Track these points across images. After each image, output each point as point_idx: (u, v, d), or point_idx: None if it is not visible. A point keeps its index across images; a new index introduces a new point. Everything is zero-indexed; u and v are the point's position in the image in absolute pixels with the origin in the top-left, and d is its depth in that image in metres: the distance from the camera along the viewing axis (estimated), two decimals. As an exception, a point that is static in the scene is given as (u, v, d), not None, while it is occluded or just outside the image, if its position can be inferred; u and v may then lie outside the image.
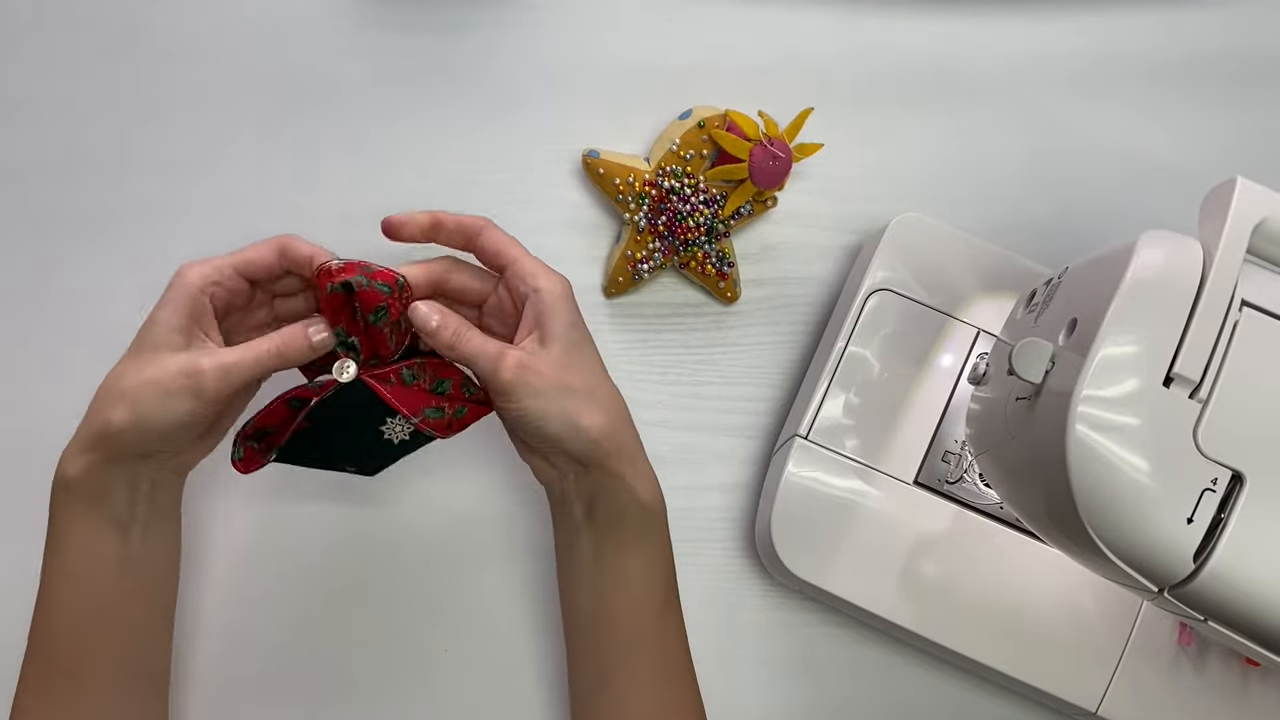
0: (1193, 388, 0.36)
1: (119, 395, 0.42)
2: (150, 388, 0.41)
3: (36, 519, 0.54)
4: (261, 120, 0.57)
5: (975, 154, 0.60)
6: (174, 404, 0.41)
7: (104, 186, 0.56)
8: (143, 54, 0.57)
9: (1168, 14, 0.62)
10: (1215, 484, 0.35)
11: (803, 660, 0.55)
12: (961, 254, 0.55)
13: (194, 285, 0.43)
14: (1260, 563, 0.35)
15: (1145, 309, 0.37)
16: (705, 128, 0.53)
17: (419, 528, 0.54)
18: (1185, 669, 0.52)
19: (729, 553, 0.56)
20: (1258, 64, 0.62)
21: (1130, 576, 0.37)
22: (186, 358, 0.42)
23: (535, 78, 0.58)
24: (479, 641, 0.54)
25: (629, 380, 0.57)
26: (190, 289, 0.43)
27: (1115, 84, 0.61)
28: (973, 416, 0.48)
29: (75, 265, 0.55)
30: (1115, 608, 0.52)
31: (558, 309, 0.45)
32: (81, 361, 0.54)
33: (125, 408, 0.41)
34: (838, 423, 0.53)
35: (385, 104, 0.57)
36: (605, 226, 0.58)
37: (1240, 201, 0.38)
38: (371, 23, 0.58)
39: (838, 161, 0.58)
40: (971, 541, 0.52)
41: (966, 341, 0.54)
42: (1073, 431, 0.36)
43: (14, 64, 0.56)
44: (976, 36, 0.61)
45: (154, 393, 0.41)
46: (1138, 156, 0.61)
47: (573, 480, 0.46)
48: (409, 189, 0.57)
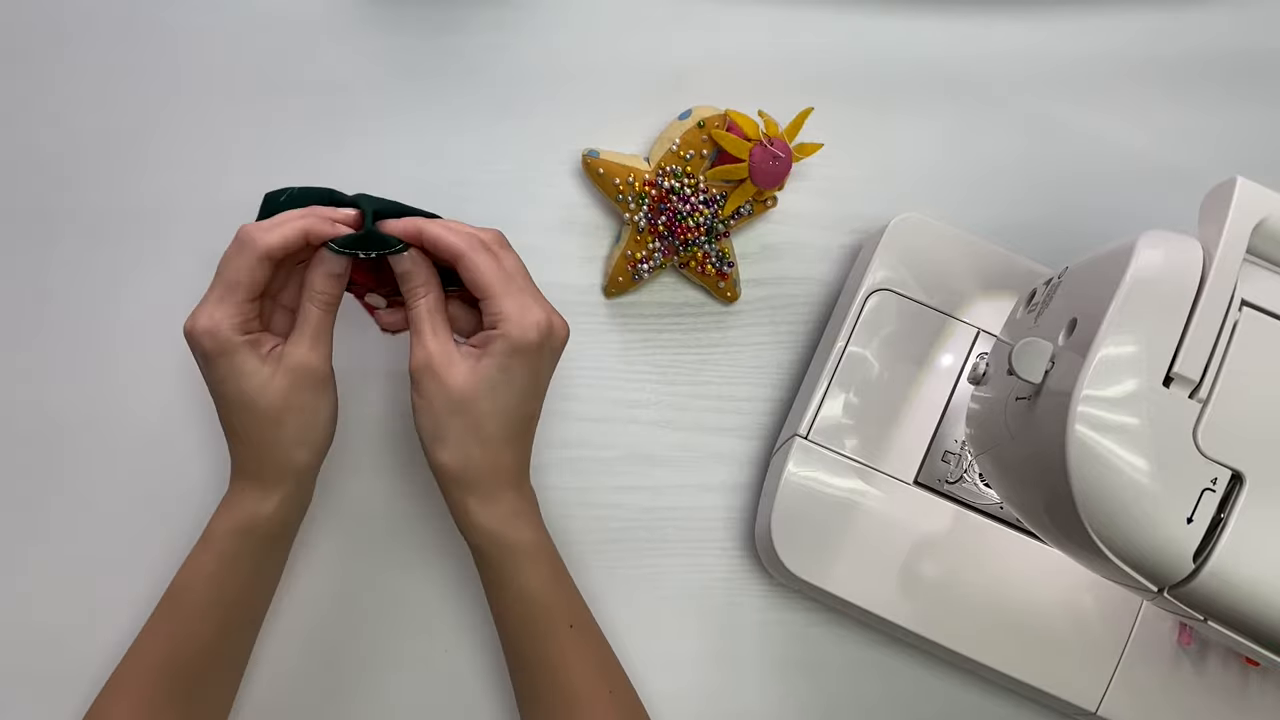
0: (1193, 388, 0.36)
1: (294, 439, 0.45)
2: (314, 417, 0.45)
3: (35, 518, 0.54)
4: (261, 120, 0.57)
5: (975, 154, 0.60)
6: (326, 411, 0.45)
7: (105, 186, 0.56)
8: (144, 54, 0.57)
9: (1168, 14, 0.62)
10: (1215, 484, 0.35)
11: (803, 660, 0.55)
12: (961, 254, 0.55)
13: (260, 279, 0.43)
14: (1260, 563, 0.35)
15: (1145, 309, 0.37)
16: (705, 128, 0.53)
17: (419, 527, 0.54)
18: (1185, 669, 0.51)
19: (729, 553, 0.56)
20: (1257, 64, 0.62)
21: (1130, 576, 0.37)
22: (303, 372, 0.44)
23: (535, 78, 0.58)
24: (479, 642, 0.54)
25: (629, 380, 0.57)
26: (256, 282, 0.43)
27: (1115, 84, 0.61)
28: (973, 416, 0.48)
29: (75, 265, 0.55)
30: (1115, 608, 0.52)
31: (511, 354, 0.44)
32: (81, 361, 0.54)
33: (308, 448, 0.45)
34: (838, 423, 0.53)
35: (385, 104, 0.57)
36: (605, 226, 0.58)
37: (1240, 201, 0.38)
38: (372, 23, 0.58)
39: (838, 161, 0.58)
40: (971, 541, 0.52)
41: (966, 341, 0.54)
42: (1073, 431, 0.36)
43: (15, 64, 0.56)
44: (976, 36, 0.61)
45: (310, 417, 0.45)
46: (1137, 156, 0.61)
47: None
48: (409, 189, 0.57)
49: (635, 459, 0.56)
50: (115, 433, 0.54)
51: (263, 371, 0.43)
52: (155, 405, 0.54)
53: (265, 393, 0.43)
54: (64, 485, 0.53)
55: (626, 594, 0.54)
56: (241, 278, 0.42)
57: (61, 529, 0.53)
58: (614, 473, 0.56)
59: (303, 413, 0.44)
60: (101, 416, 0.54)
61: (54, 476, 0.54)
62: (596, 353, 0.56)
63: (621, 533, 0.55)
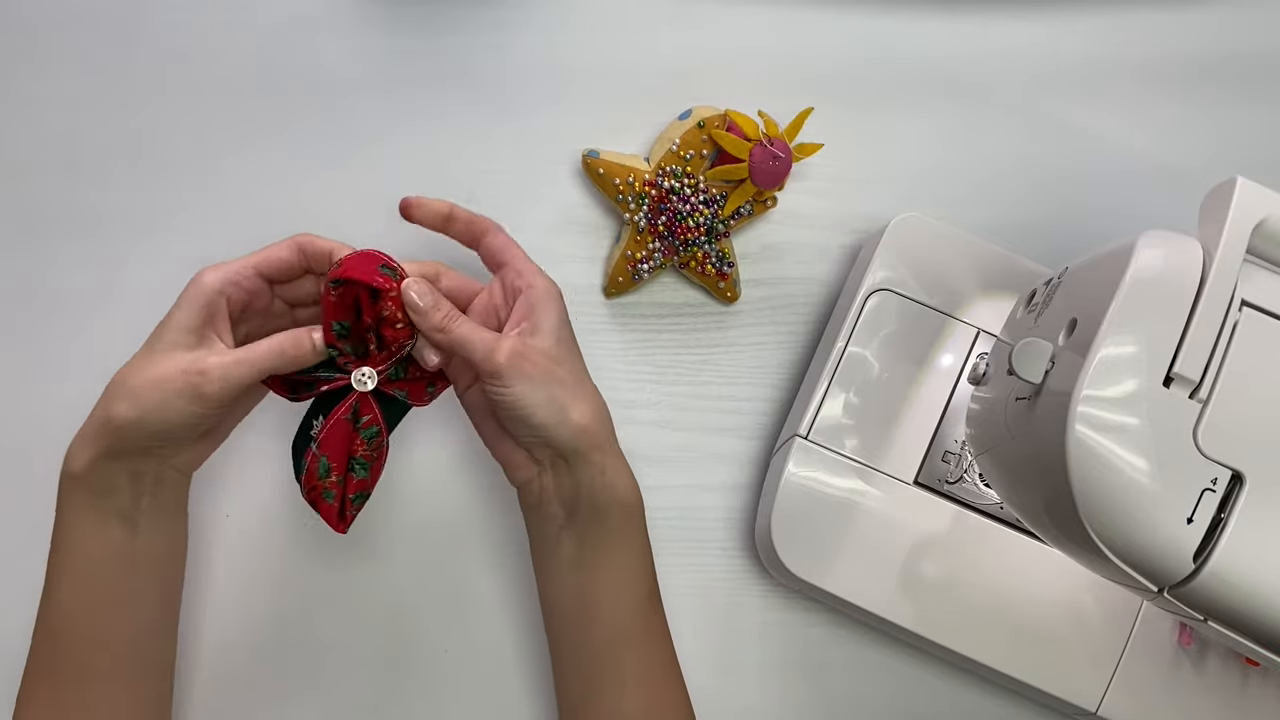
0: (1193, 388, 0.36)
1: (124, 391, 0.42)
2: (154, 385, 0.42)
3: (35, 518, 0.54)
4: (261, 120, 0.57)
5: (975, 154, 0.60)
6: (176, 404, 0.42)
7: (105, 186, 0.56)
8: (145, 54, 0.57)
9: (1168, 14, 0.62)
10: (1215, 484, 0.35)
11: (803, 660, 0.55)
12: (961, 254, 0.55)
13: (210, 287, 0.43)
14: (1260, 563, 0.35)
15: (1145, 309, 0.37)
16: (705, 128, 0.53)
17: (419, 527, 0.54)
18: (1185, 669, 0.51)
19: (729, 553, 0.56)
20: (1257, 64, 0.62)
21: (1130, 576, 0.37)
22: (192, 356, 0.42)
23: (535, 78, 0.58)
24: (478, 641, 0.54)
25: (629, 380, 0.57)
26: (206, 290, 0.43)
27: (1115, 84, 0.61)
28: (973, 416, 0.48)
29: (76, 265, 0.55)
30: (1115, 608, 0.52)
31: (550, 305, 0.45)
32: (82, 362, 0.54)
33: (128, 403, 0.42)
34: (838, 423, 0.53)
35: (386, 104, 0.57)
36: (605, 226, 0.58)
37: (1240, 201, 0.38)
38: (372, 23, 0.58)
39: (838, 161, 0.58)
40: (971, 541, 0.52)
41: (966, 341, 0.54)
42: (1073, 431, 0.36)
43: (16, 64, 0.56)
44: (977, 36, 0.61)
45: (156, 391, 0.42)
46: (1137, 156, 0.61)
47: (551, 477, 0.46)
48: (409, 189, 0.57)
49: (635, 459, 0.56)
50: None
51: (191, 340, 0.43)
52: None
53: (163, 355, 0.42)
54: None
55: (626, 594, 0.54)
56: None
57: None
58: (614, 473, 0.56)
59: (157, 390, 0.42)
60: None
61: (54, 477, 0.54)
62: (596, 353, 0.56)
63: (621, 533, 0.55)
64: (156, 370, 0.42)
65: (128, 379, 0.42)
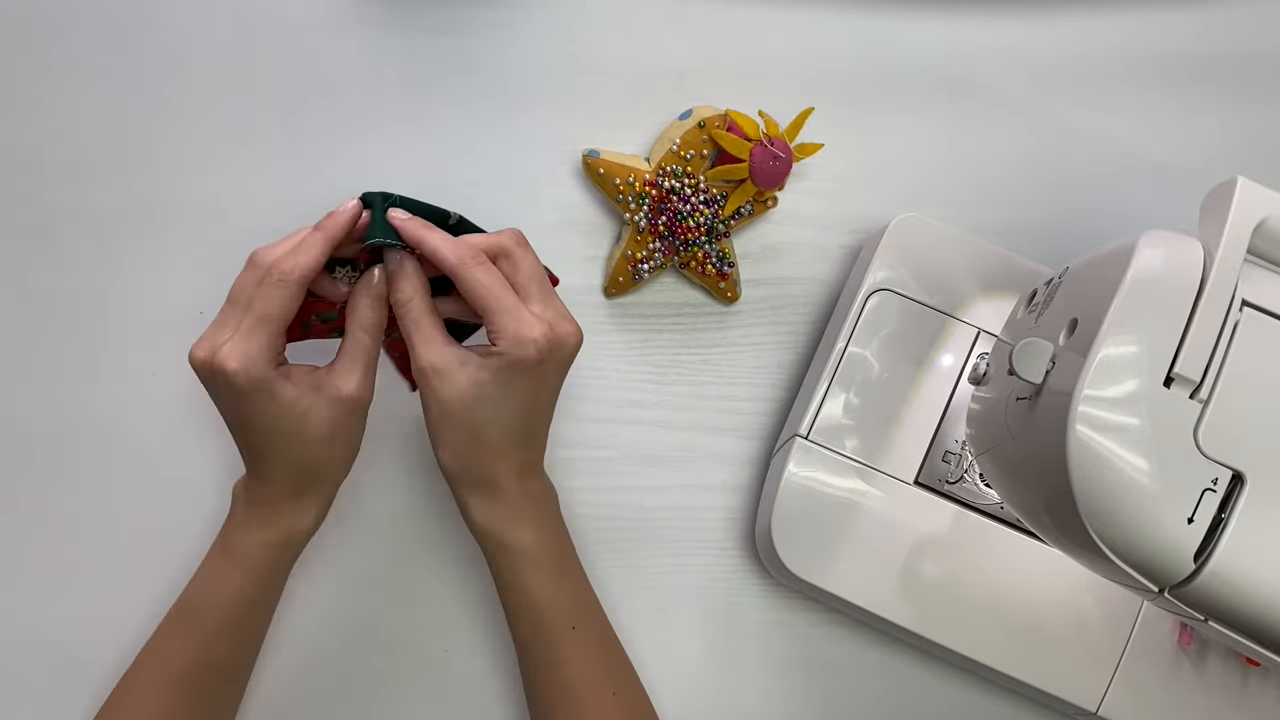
0: (1193, 388, 0.36)
1: (341, 461, 0.46)
2: (357, 439, 0.46)
3: (36, 518, 0.54)
4: (261, 120, 0.57)
5: (975, 154, 0.60)
6: (357, 435, 0.46)
7: (105, 186, 0.56)
8: (145, 54, 0.57)
9: (1169, 14, 0.62)
10: (1215, 484, 0.35)
11: (803, 660, 0.55)
12: (961, 254, 0.55)
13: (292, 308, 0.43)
14: (1260, 563, 0.35)
15: (1145, 309, 0.37)
16: (705, 128, 0.53)
17: (419, 527, 0.54)
18: (1185, 669, 0.51)
19: (729, 553, 0.56)
20: (1257, 64, 0.62)
21: (1130, 576, 0.37)
22: (344, 400, 0.43)
23: (535, 78, 0.58)
24: (478, 641, 0.54)
25: (629, 380, 0.57)
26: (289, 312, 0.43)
27: (1116, 84, 0.61)
28: (973, 416, 0.48)
29: (76, 265, 0.55)
30: (1115, 608, 0.52)
31: (508, 368, 0.43)
32: (83, 362, 0.54)
33: (340, 462, 0.46)
34: (838, 423, 0.53)
35: (385, 104, 0.57)
36: (605, 226, 0.58)
37: (1240, 201, 0.38)
38: (372, 23, 0.58)
39: (838, 161, 0.58)
40: (971, 541, 0.52)
41: (966, 341, 0.54)
42: (1073, 431, 0.36)
43: (17, 64, 0.56)
44: (977, 36, 0.61)
45: (346, 440, 0.45)
46: (1138, 157, 0.61)
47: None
48: (409, 189, 0.57)
49: (635, 459, 0.56)
50: (115, 433, 0.54)
51: (302, 403, 0.42)
52: (156, 406, 0.54)
53: (308, 423, 0.43)
54: (64, 486, 0.53)
55: (626, 594, 0.54)
56: (274, 310, 0.41)
57: (61, 529, 0.53)
58: (614, 473, 0.56)
59: (349, 437, 0.45)
60: (101, 417, 0.54)
61: (54, 477, 0.54)
62: (596, 353, 0.56)
63: (621, 533, 0.55)
64: (338, 426, 0.44)
65: (318, 447, 0.44)
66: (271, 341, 0.41)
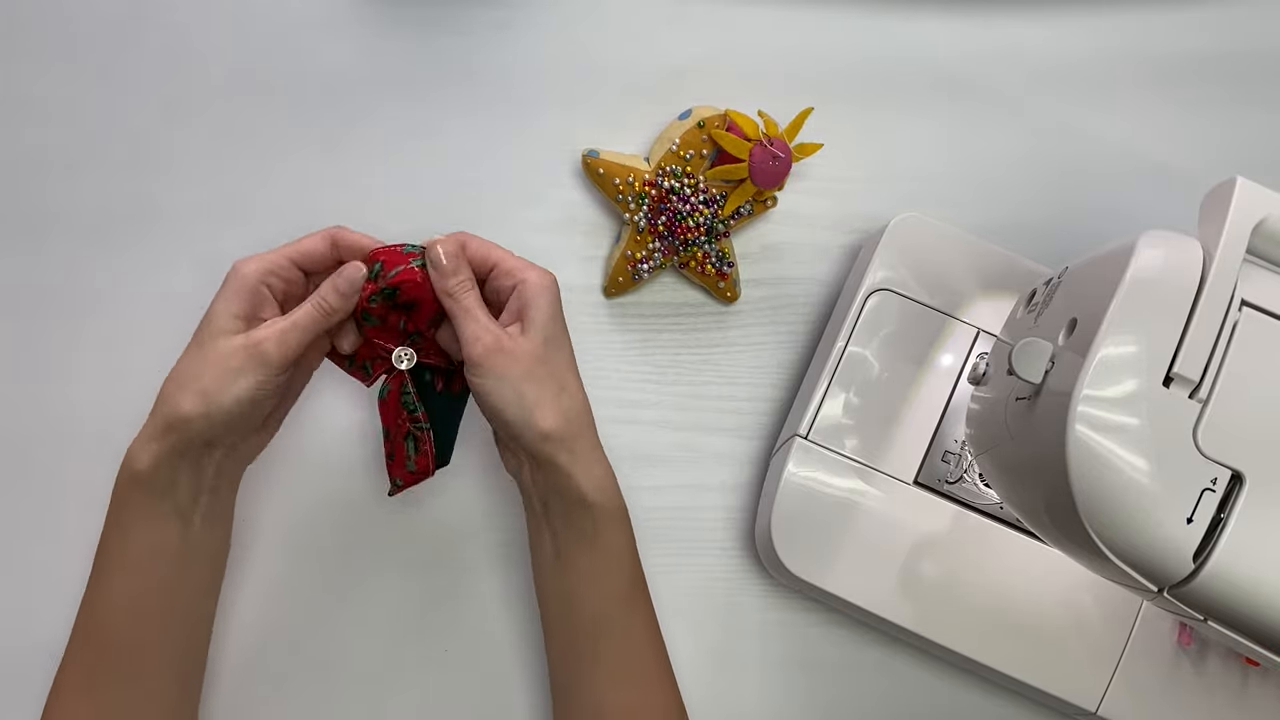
0: (1192, 388, 0.36)
1: (187, 383, 0.42)
2: (216, 370, 0.42)
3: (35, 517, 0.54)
4: (261, 120, 0.57)
5: (975, 154, 0.60)
6: (242, 380, 0.42)
7: (105, 186, 0.56)
8: (145, 54, 0.57)
9: (1169, 14, 0.62)
10: (1215, 484, 0.35)
11: (803, 660, 0.55)
12: (961, 254, 0.55)
13: (251, 276, 0.44)
14: (1260, 563, 0.35)
15: (1145, 309, 0.37)
16: (705, 128, 0.53)
17: (420, 528, 0.54)
18: (1185, 669, 0.51)
19: (729, 553, 0.56)
20: (1258, 64, 0.62)
21: (1130, 576, 0.37)
22: (245, 336, 0.43)
23: (535, 78, 0.58)
24: (479, 641, 0.54)
25: (629, 380, 0.57)
26: (248, 279, 0.44)
27: (1115, 84, 0.61)
28: (973, 416, 0.48)
29: (76, 265, 0.55)
30: (1115, 608, 0.52)
31: (541, 300, 0.45)
32: (82, 362, 0.54)
33: (194, 394, 0.42)
34: (838, 423, 0.53)
35: (385, 104, 0.57)
36: (605, 226, 0.58)
37: (1240, 201, 0.38)
38: (371, 23, 0.58)
39: (838, 161, 0.58)
40: (971, 541, 0.52)
41: (966, 341, 0.54)
42: (1073, 431, 0.36)
43: (17, 63, 0.56)
44: (977, 36, 0.61)
45: (220, 373, 0.42)
46: (1137, 157, 0.61)
47: (528, 473, 0.47)
48: (410, 189, 0.57)
49: (635, 459, 0.56)
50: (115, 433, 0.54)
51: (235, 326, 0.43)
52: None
53: (215, 342, 0.43)
54: (64, 486, 0.53)
55: (626, 594, 0.54)
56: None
57: (61, 530, 0.53)
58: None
59: (219, 372, 0.42)
60: (101, 417, 0.54)
61: (54, 478, 0.54)
62: (596, 353, 0.56)
63: (621, 533, 0.55)
64: (213, 356, 0.42)
65: (186, 372, 0.43)
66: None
